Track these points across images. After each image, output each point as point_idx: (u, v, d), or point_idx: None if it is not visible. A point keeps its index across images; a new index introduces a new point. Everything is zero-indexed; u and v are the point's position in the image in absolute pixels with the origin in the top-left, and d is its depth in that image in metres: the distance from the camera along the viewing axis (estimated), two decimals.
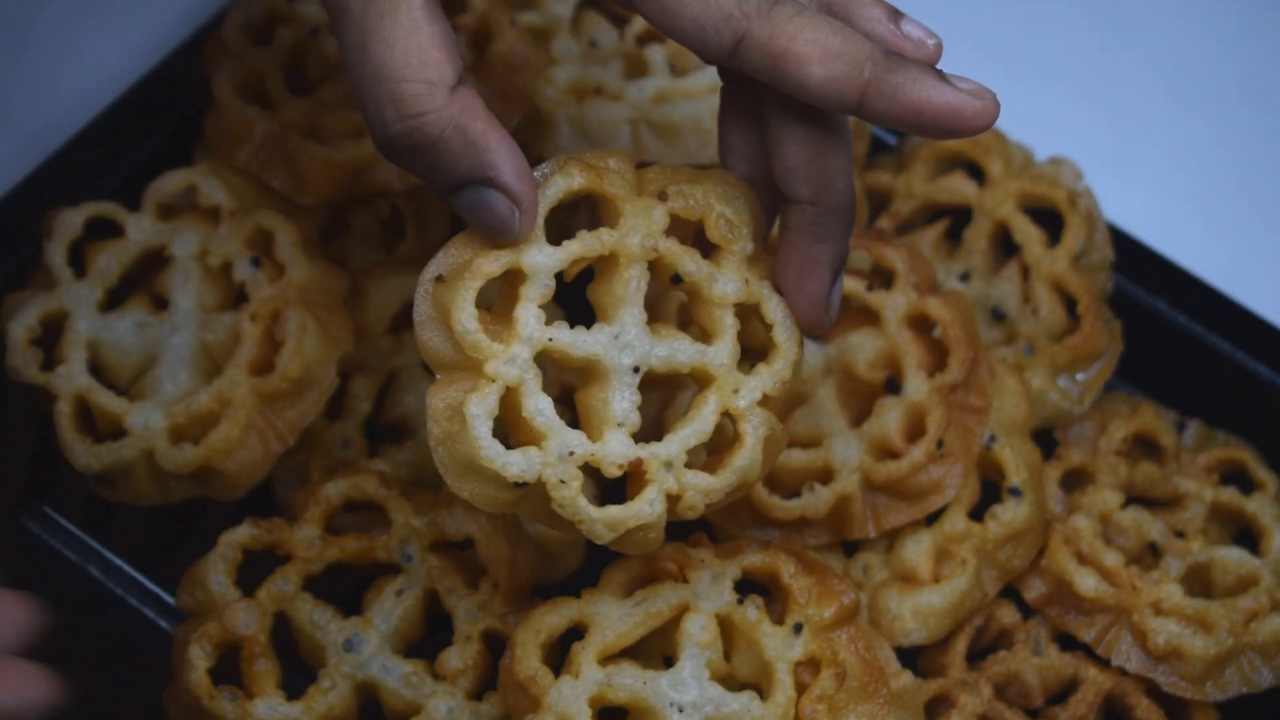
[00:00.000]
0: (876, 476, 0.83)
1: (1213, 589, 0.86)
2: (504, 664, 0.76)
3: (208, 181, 0.86)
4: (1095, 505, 0.87)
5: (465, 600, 0.81)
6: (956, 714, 0.82)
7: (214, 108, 0.89)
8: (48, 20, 1.02)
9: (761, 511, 0.83)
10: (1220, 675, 0.83)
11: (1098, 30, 0.71)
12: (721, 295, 0.72)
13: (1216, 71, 1.09)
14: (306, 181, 0.88)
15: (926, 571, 0.83)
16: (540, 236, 0.70)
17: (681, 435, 0.71)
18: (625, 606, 0.76)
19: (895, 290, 0.86)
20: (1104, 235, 0.92)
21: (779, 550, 0.77)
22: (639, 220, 0.71)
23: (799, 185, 0.71)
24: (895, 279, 0.86)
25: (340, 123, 0.89)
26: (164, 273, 0.86)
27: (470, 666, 0.80)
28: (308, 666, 0.81)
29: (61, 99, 0.99)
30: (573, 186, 0.71)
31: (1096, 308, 0.90)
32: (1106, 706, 0.85)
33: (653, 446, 0.70)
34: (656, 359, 0.71)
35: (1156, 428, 0.90)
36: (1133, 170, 1.03)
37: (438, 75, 0.67)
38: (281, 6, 0.93)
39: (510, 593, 0.81)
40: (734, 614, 0.76)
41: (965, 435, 0.84)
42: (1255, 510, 0.88)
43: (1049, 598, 0.85)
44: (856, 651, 0.76)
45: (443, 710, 0.79)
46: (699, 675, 0.75)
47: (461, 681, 0.80)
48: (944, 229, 0.93)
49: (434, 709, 0.79)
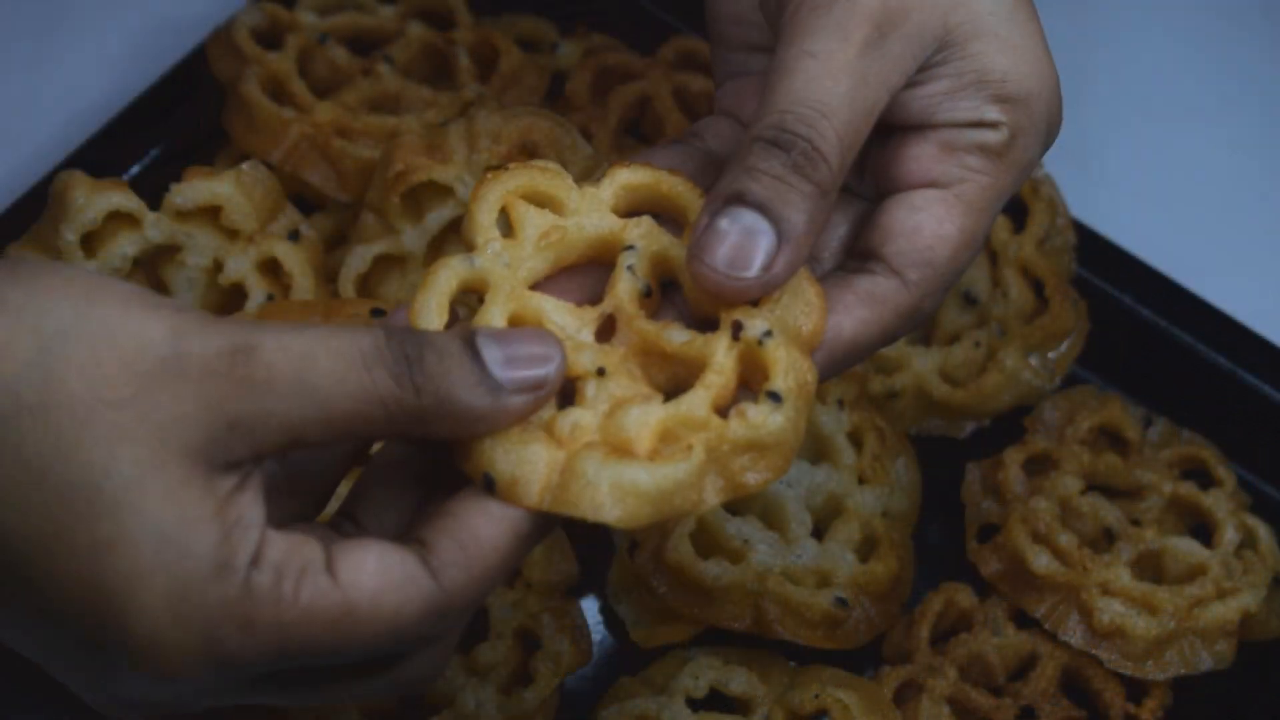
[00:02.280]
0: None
1: (1164, 576, 0.89)
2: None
3: (233, 200, 0.87)
4: (1056, 489, 0.90)
5: (500, 597, 0.84)
6: (925, 698, 0.85)
7: (241, 108, 0.93)
8: (70, 27, 1.06)
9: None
10: (1161, 656, 0.86)
11: (1062, 34, 0.73)
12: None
13: (1179, 75, 1.11)
14: (346, 179, 0.93)
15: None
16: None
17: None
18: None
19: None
20: (1065, 220, 0.96)
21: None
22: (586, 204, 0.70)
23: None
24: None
25: (372, 126, 0.93)
26: (168, 263, 0.89)
27: (502, 662, 0.83)
28: None
29: (82, 100, 1.02)
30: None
31: (1063, 289, 0.93)
32: (1065, 680, 0.87)
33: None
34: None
35: (1122, 421, 0.93)
36: (1100, 171, 1.05)
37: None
38: (284, 15, 0.97)
39: (544, 592, 0.85)
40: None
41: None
42: (1210, 504, 0.91)
43: (1003, 574, 0.88)
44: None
45: (471, 704, 0.82)
46: None
47: (493, 676, 0.83)
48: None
49: (464, 701, 0.82)
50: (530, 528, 0.63)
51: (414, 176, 0.88)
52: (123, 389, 0.59)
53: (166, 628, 0.59)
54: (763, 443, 0.66)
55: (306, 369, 0.59)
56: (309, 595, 0.60)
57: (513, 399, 0.62)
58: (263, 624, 0.59)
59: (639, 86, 0.98)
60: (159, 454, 0.59)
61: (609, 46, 1.01)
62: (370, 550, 0.61)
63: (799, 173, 0.66)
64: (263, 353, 0.59)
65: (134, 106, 0.96)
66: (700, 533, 0.86)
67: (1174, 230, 1.04)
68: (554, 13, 1.02)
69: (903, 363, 0.93)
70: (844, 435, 0.89)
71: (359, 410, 0.60)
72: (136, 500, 0.58)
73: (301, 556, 0.60)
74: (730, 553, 0.86)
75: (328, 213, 0.95)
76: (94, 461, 0.58)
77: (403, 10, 1.00)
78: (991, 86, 0.70)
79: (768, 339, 0.66)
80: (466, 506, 0.63)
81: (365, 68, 0.97)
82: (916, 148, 0.71)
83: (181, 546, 0.59)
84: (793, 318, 0.67)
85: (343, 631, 0.60)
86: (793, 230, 0.66)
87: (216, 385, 0.59)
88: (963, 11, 0.70)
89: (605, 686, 0.85)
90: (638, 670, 0.86)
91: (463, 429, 0.62)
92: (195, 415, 0.59)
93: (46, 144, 0.99)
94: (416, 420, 0.61)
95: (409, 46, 0.98)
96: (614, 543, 0.88)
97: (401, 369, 0.61)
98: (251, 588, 0.59)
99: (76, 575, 0.59)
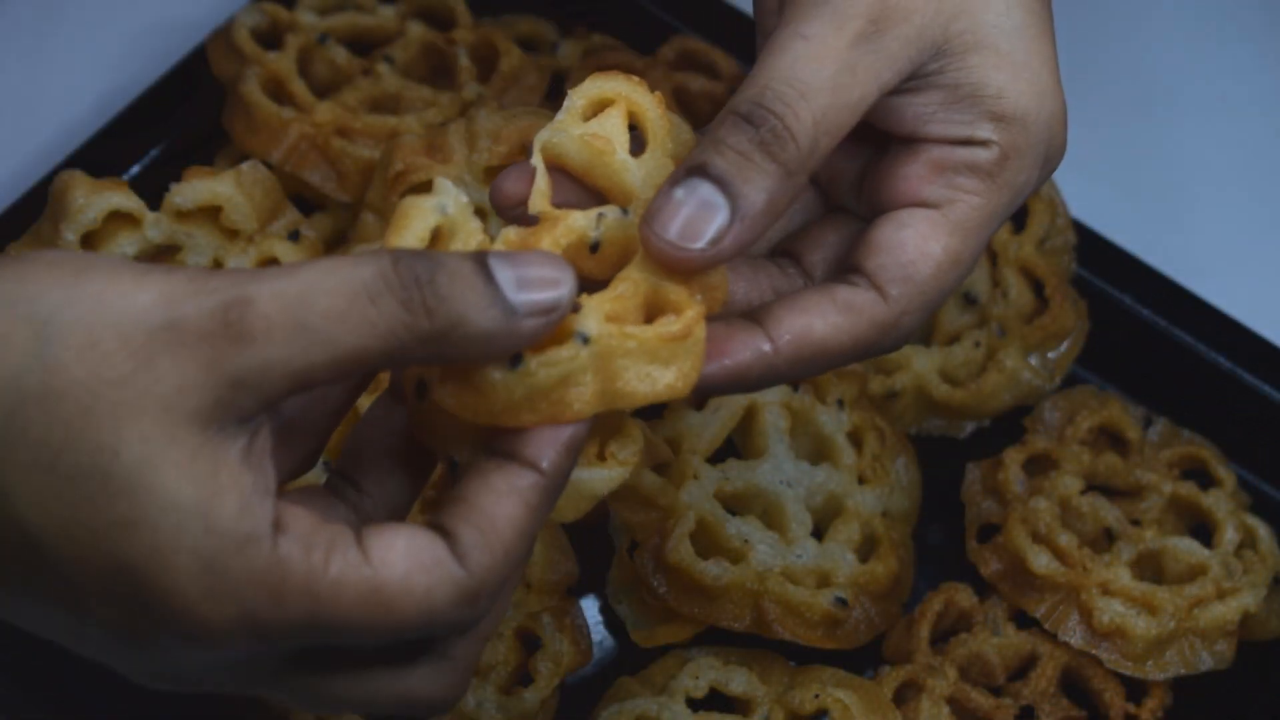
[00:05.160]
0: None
1: (1164, 576, 0.89)
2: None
3: (233, 200, 0.87)
4: (1056, 489, 0.90)
5: None
6: (925, 698, 0.85)
7: (241, 108, 0.93)
8: (70, 26, 1.06)
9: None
10: (1161, 656, 0.86)
11: (1062, 34, 0.73)
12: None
13: (1179, 75, 1.11)
14: (346, 179, 0.93)
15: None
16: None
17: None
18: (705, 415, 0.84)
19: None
20: (1065, 220, 0.96)
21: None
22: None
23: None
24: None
25: (372, 125, 0.93)
26: (168, 263, 0.87)
27: (502, 662, 0.83)
28: None
29: (82, 100, 1.02)
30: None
31: (1063, 289, 0.93)
32: (1065, 680, 0.88)
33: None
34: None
35: (1122, 421, 0.93)
36: (1100, 171, 1.05)
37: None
38: (284, 15, 0.97)
39: (544, 591, 0.85)
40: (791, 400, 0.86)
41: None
42: (1211, 504, 0.91)
43: (1003, 574, 0.88)
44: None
45: (471, 704, 0.82)
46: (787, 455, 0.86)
47: (493, 676, 0.83)
48: None
49: (464, 701, 0.81)
50: (539, 496, 0.63)
51: (414, 176, 0.88)
52: (122, 365, 0.58)
53: (199, 601, 0.59)
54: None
55: (305, 312, 0.59)
56: (338, 568, 0.59)
57: (526, 322, 0.61)
58: (293, 593, 0.59)
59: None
60: (167, 427, 0.58)
61: (609, 46, 1.01)
62: (400, 533, 0.61)
63: (764, 150, 0.66)
64: (257, 304, 0.59)
65: (134, 106, 0.96)
66: (700, 533, 0.86)
67: (1174, 230, 1.04)
68: (554, 13, 1.02)
69: (903, 363, 0.93)
70: (844, 435, 0.90)
71: (366, 345, 0.59)
72: (150, 478, 0.58)
73: (330, 530, 0.60)
74: (730, 553, 0.86)
75: (328, 213, 0.95)
76: (103, 443, 0.58)
77: (403, 10, 1.00)
78: (986, 102, 0.70)
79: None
80: (475, 489, 0.62)
81: (365, 68, 0.97)
82: (907, 167, 0.71)
83: (203, 520, 0.58)
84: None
85: (374, 609, 0.60)
86: (749, 208, 0.66)
87: (214, 346, 0.58)
88: (966, 21, 0.70)
89: (605, 686, 0.85)
90: (638, 670, 0.86)
91: (474, 352, 0.61)
92: (198, 380, 0.58)
93: (46, 144, 0.99)
94: (427, 343, 0.60)
95: (409, 46, 0.98)
96: (614, 543, 0.88)
97: (412, 293, 0.59)
98: (280, 557, 0.59)
99: (102, 555, 0.58)
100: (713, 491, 0.87)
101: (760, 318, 0.69)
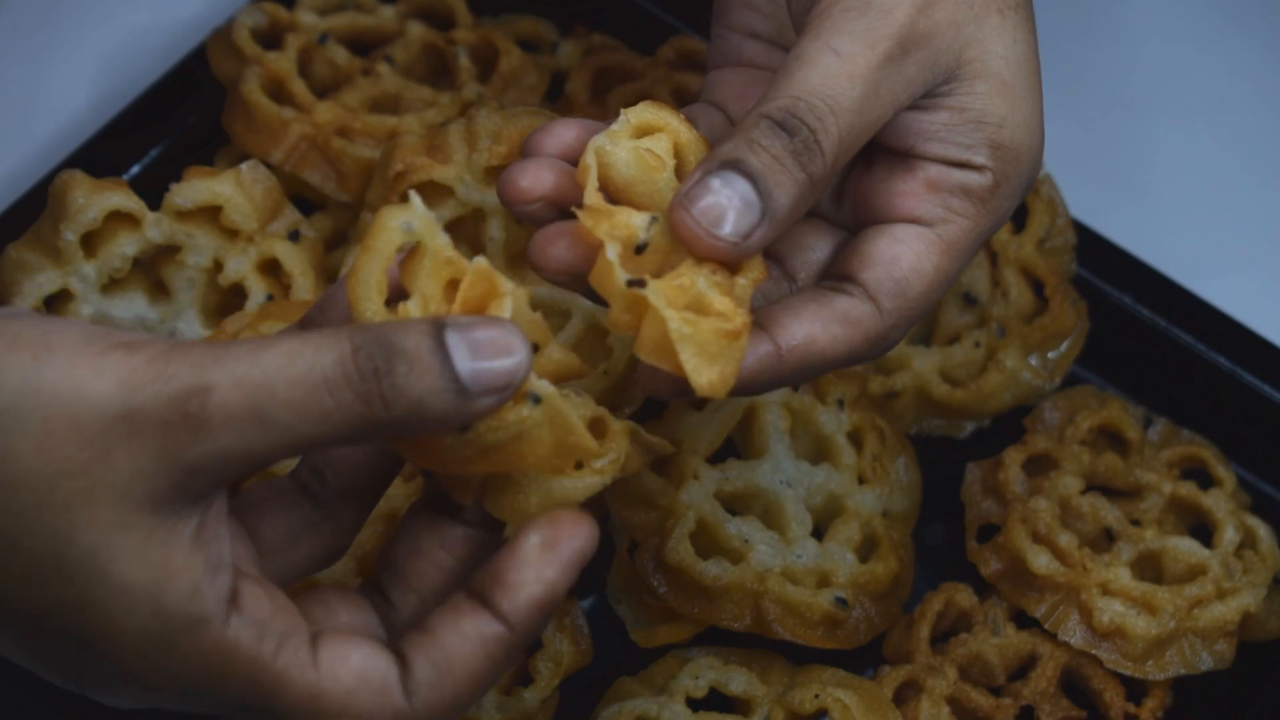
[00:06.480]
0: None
1: (1164, 576, 0.89)
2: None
3: (233, 200, 0.87)
4: (1056, 489, 0.90)
5: None
6: (925, 698, 0.85)
7: (241, 108, 0.93)
8: (70, 26, 1.06)
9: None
10: (1161, 656, 0.86)
11: (1062, 34, 0.73)
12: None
13: (1179, 75, 1.11)
14: (346, 179, 0.93)
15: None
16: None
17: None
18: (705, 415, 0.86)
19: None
20: (1065, 220, 0.96)
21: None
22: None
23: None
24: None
25: (372, 125, 0.93)
26: (168, 263, 0.89)
27: None
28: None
29: (82, 100, 1.02)
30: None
31: (1063, 289, 0.93)
32: (1065, 680, 0.88)
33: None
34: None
35: (1122, 421, 0.93)
36: (1100, 171, 1.05)
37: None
38: (284, 15, 0.97)
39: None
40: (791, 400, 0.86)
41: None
42: (1210, 504, 0.91)
43: (1003, 574, 0.88)
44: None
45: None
46: (787, 455, 0.87)
47: None
48: None
49: None
50: (503, 651, 0.64)
51: (414, 176, 0.88)
52: (77, 455, 0.59)
53: (144, 676, 0.61)
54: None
55: (265, 402, 0.60)
56: (285, 663, 0.61)
57: (479, 402, 0.62)
58: (237, 676, 0.61)
59: (638, 86, 0.98)
60: (121, 514, 0.60)
61: (609, 46, 1.01)
62: (358, 649, 0.62)
63: (797, 158, 0.67)
64: (217, 393, 0.59)
65: (134, 106, 0.96)
66: (700, 533, 0.86)
67: (1174, 230, 1.04)
68: (554, 13, 1.02)
69: (903, 363, 0.93)
70: (844, 435, 0.90)
71: (321, 433, 0.60)
72: (103, 563, 0.60)
73: (288, 622, 0.62)
74: (730, 553, 0.86)
75: (328, 213, 0.95)
76: (56, 531, 0.60)
77: (403, 10, 1.00)
78: (988, 129, 0.72)
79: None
80: (443, 625, 0.63)
81: (365, 68, 0.97)
82: (903, 182, 0.72)
83: (150, 605, 0.60)
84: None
85: (310, 715, 0.61)
86: (777, 210, 0.67)
87: (171, 436, 0.59)
88: (976, 49, 0.71)
89: (605, 686, 0.85)
90: (638, 670, 0.86)
91: (427, 431, 0.62)
92: (153, 469, 0.60)
93: (46, 144, 1.00)
94: (382, 429, 0.61)
95: (409, 46, 0.98)
96: (614, 543, 0.88)
97: (370, 385, 0.60)
98: (228, 639, 0.61)
99: (57, 623, 0.61)
100: (713, 491, 0.87)
101: (767, 324, 0.70)
